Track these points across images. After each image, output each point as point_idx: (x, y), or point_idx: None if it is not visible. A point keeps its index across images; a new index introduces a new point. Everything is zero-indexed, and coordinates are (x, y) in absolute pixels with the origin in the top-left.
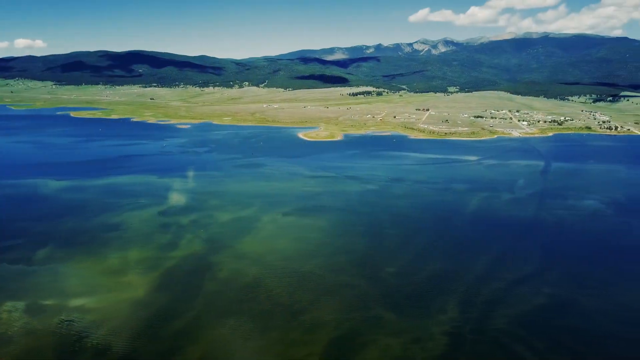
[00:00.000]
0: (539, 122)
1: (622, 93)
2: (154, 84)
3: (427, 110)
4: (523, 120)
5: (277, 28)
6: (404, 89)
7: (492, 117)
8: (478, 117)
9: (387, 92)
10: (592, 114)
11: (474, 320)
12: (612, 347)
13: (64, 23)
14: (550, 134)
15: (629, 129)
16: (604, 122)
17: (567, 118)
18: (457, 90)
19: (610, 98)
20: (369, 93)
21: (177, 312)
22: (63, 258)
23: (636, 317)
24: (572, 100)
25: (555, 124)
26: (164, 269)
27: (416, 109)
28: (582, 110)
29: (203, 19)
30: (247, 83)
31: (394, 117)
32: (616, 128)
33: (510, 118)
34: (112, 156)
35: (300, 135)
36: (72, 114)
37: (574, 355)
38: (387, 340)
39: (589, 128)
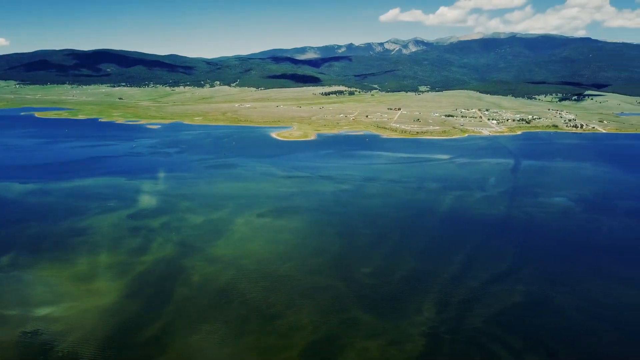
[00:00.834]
0: (507, 120)
1: (586, 92)
2: (123, 84)
3: (399, 109)
4: (492, 119)
5: (248, 27)
6: (375, 89)
7: (462, 116)
8: (449, 116)
9: (359, 92)
10: (558, 112)
11: (451, 320)
12: (587, 344)
13: (27, 20)
14: (519, 132)
15: (593, 127)
16: (569, 120)
17: (534, 117)
18: (428, 89)
19: (575, 97)
20: (341, 92)
21: (148, 319)
22: (27, 265)
23: (609, 313)
24: (539, 99)
25: (524, 122)
26: (134, 275)
27: (388, 109)
28: (549, 109)
29: (173, 17)
30: (218, 82)
31: (367, 116)
32: (581, 126)
33: (480, 117)
34: (79, 158)
35: (273, 135)
36: (37, 114)
37: (550, 353)
38: (365, 343)
39: (555, 126)
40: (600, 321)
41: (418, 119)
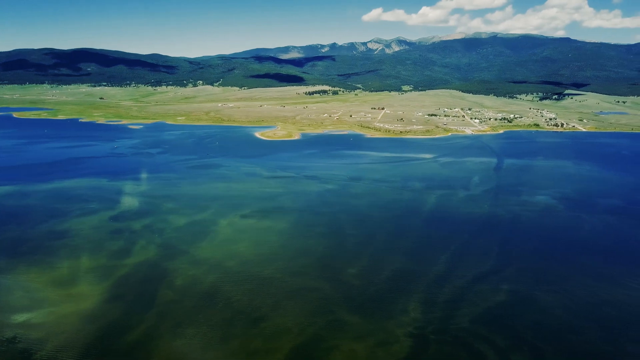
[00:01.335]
0: (490, 119)
1: (566, 91)
2: (104, 83)
3: (383, 109)
4: (475, 118)
5: (231, 26)
6: (359, 88)
7: (445, 115)
8: (432, 115)
9: (343, 91)
10: (539, 111)
11: (437, 320)
12: (571, 342)
13: (4, 19)
14: (501, 131)
15: (573, 126)
16: (550, 119)
17: (516, 116)
18: (411, 88)
19: (556, 96)
20: (325, 92)
21: (131, 323)
22: (5, 269)
23: (592, 310)
24: (520, 99)
25: (506, 121)
26: (115, 278)
27: (372, 108)
28: (530, 108)
29: (155, 16)
30: (201, 82)
31: (350, 116)
32: (562, 125)
33: (463, 116)
34: (58, 159)
35: (257, 134)
36: (15, 114)
37: (535, 352)
38: (351, 345)
39: (537, 125)
40: (584, 319)
41: (401, 119)
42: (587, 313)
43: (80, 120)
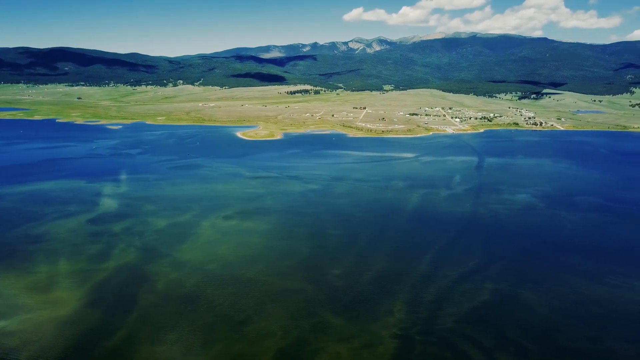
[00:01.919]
0: (470, 118)
1: (544, 90)
2: (82, 83)
3: (364, 108)
4: (456, 117)
5: (211, 25)
6: (340, 88)
7: (426, 115)
8: (413, 114)
9: (325, 91)
10: (518, 110)
11: (422, 320)
12: (555, 340)
13: None
14: (482, 130)
15: (552, 125)
16: (529, 118)
17: (496, 115)
18: (392, 88)
19: (534, 95)
20: (306, 91)
21: (110, 329)
22: None
23: (576, 308)
24: (499, 98)
25: (486, 120)
26: (94, 283)
27: (353, 108)
28: (510, 107)
29: (134, 14)
30: (181, 81)
31: (332, 115)
32: (541, 124)
33: (444, 115)
34: (35, 160)
35: (239, 134)
36: None
37: (520, 351)
38: (336, 348)
39: (516, 124)
40: (568, 317)
41: (383, 118)
42: (571, 311)
43: (57, 120)
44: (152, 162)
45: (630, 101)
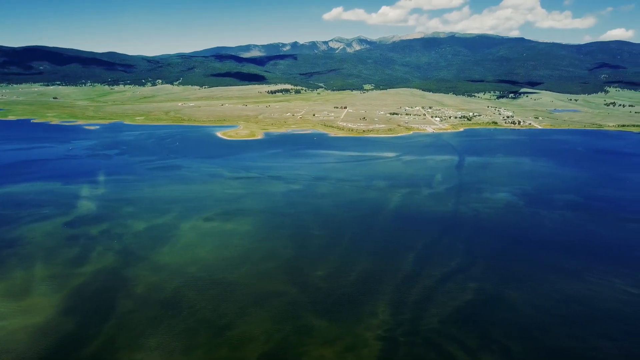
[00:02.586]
0: (450, 117)
1: (522, 90)
2: (57, 82)
3: (345, 108)
4: (436, 117)
5: (190, 24)
6: (321, 87)
7: (407, 114)
8: (394, 114)
9: (305, 90)
10: (497, 109)
11: (406, 321)
12: (538, 338)
13: None
14: (461, 129)
15: (530, 123)
16: (508, 117)
17: (475, 114)
18: (373, 87)
19: (512, 94)
20: (287, 91)
21: (87, 337)
22: None
23: (558, 306)
24: (478, 97)
25: (465, 119)
26: (71, 288)
27: (334, 107)
28: (488, 106)
29: (111, 12)
30: (160, 81)
31: (314, 115)
32: (519, 122)
33: (424, 114)
34: (9, 162)
35: (219, 134)
36: None
37: (504, 350)
38: (320, 351)
39: (495, 123)
40: (550, 315)
41: (364, 117)
42: (554, 310)
43: (32, 121)
44: (130, 163)
45: (604, 100)
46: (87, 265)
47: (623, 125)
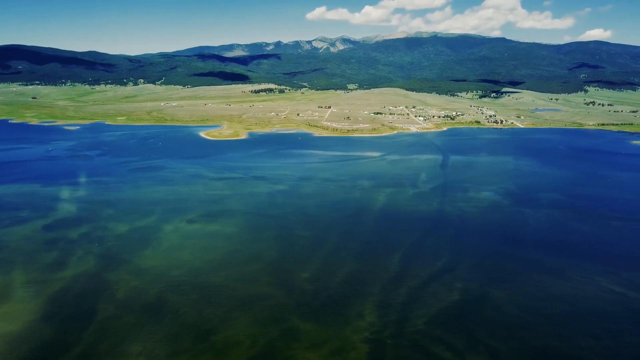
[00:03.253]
0: (433, 117)
1: (504, 89)
2: (36, 82)
3: (329, 107)
4: (419, 116)
5: (173, 23)
6: (305, 87)
7: (390, 113)
8: (378, 113)
9: (289, 90)
10: (479, 108)
11: (393, 323)
12: (523, 338)
13: None
14: (445, 128)
15: (512, 122)
16: (490, 116)
17: (458, 113)
18: (356, 87)
19: (494, 94)
20: (271, 90)
21: (67, 343)
22: None
23: (543, 305)
24: (461, 96)
25: (449, 118)
26: (50, 294)
27: (318, 107)
28: (471, 106)
29: (92, 11)
30: (142, 80)
31: (298, 114)
32: (502, 122)
33: (408, 114)
34: None
35: (202, 134)
36: None
37: (490, 351)
38: (306, 355)
39: (478, 122)
40: (536, 315)
41: (348, 117)
42: (539, 309)
43: (10, 121)
44: (112, 164)
45: (584, 99)
46: (66, 269)
47: (603, 124)
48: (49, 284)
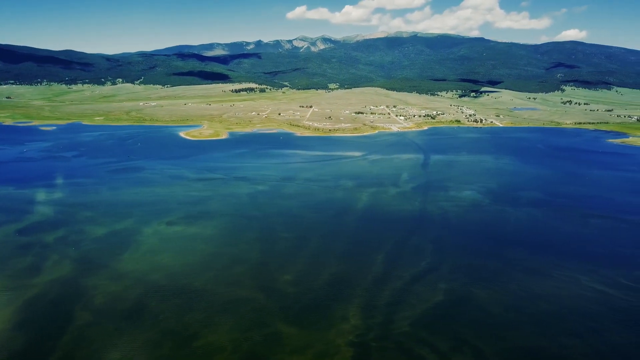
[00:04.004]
0: (414, 116)
1: (483, 89)
2: (11, 81)
3: (311, 107)
4: (400, 115)
5: (152, 22)
6: (286, 86)
7: (371, 113)
8: (359, 113)
9: (270, 89)
10: (459, 108)
11: (377, 325)
12: (508, 338)
13: None
14: (426, 127)
15: (491, 122)
16: (470, 115)
17: (438, 112)
18: (337, 86)
19: (473, 93)
20: (251, 90)
21: (43, 352)
22: None
23: (526, 305)
24: (441, 96)
25: (429, 118)
26: (24, 300)
27: (300, 106)
28: (451, 105)
29: (67, 8)
30: (120, 80)
31: (279, 114)
32: (481, 121)
33: (389, 113)
34: None
35: (182, 134)
36: None
37: (475, 351)
38: (291, 359)
39: (458, 121)
40: (519, 314)
41: (330, 117)
42: (523, 309)
43: None
44: (89, 165)
45: (561, 99)
46: (41, 275)
47: (579, 123)
48: (22, 290)
